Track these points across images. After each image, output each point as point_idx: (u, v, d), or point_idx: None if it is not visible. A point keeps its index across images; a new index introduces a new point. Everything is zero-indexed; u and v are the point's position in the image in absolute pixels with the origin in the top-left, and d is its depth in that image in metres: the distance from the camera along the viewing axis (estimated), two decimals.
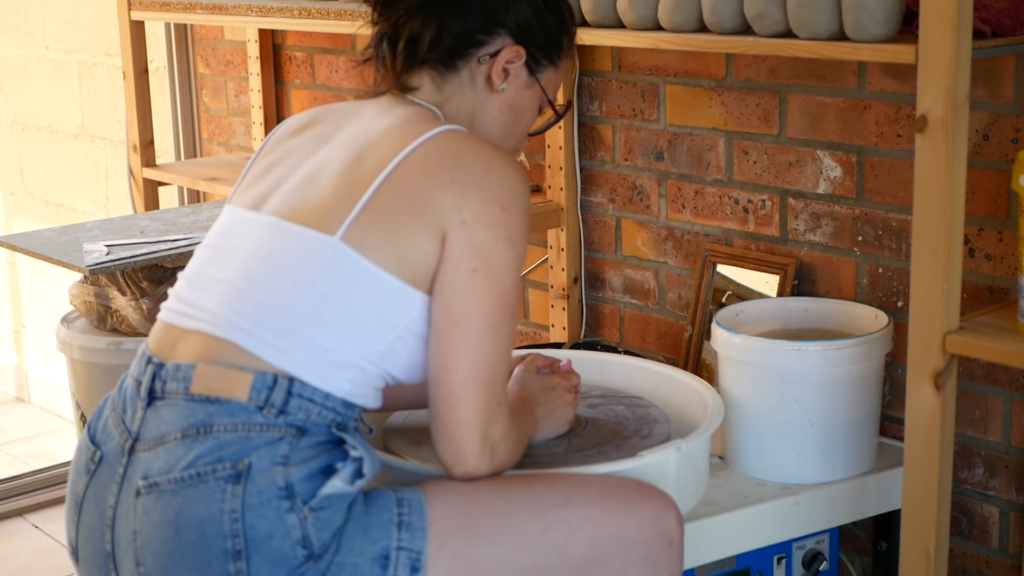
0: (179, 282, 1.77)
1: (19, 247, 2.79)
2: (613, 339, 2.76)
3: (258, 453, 1.58)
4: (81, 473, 1.71)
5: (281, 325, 1.63)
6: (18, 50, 4.43)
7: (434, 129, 1.70)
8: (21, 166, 4.52)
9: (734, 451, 2.16)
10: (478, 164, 1.68)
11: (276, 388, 1.61)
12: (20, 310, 4.70)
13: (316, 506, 1.58)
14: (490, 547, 1.64)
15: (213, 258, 1.74)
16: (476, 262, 1.64)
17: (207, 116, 3.72)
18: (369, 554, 1.59)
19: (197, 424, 1.60)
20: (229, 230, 1.75)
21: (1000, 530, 2.22)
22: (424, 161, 1.67)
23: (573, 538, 1.67)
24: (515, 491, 1.69)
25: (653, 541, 1.71)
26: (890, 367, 2.27)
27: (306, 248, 1.65)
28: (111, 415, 1.71)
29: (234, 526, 1.56)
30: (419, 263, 1.65)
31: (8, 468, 3.98)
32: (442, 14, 1.78)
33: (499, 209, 1.66)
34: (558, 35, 1.85)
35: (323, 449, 1.62)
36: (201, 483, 1.58)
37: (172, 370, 1.65)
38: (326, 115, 1.84)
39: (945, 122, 1.74)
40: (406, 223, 1.64)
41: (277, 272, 1.66)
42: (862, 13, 1.93)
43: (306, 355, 1.63)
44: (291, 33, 3.41)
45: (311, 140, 1.79)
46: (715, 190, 2.52)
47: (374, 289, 1.64)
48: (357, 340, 1.64)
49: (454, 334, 1.63)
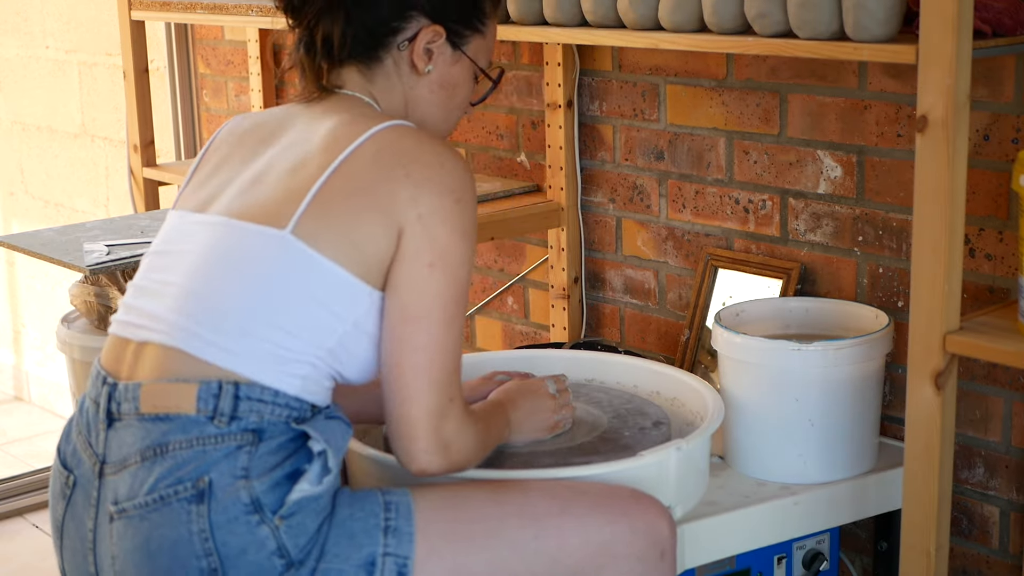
0: (128, 292, 1.74)
1: (19, 247, 2.79)
2: (613, 339, 2.76)
3: (217, 468, 1.56)
4: (58, 498, 1.70)
5: (230, 324, 1.61)
6: (18, 50, 4.43)
7: (380, 124, 1.69)
8: (21, 166, 4.52)
9: (734, 451, 2.16)
10: (430, 158, 1.66)
11: (222, 395, 1.58)
12: (19, 310, 4.70)
13: (286, 513, 1.56)
14: (481, 552, 1.63)
15: (161, 264, 1.71)
16: (433, 256, 1.62)
17: (207, 116, 3.72)
18: (355, 560, 1.58)
19: (153, 445, 1.58)
20: (176, 233, 1.73)
21: (1000, 530, 2.22)
22: (376, 154, 1.66)
23: (566, 546, 1.66)
24: (508, 496, 1.68)
25: (646, 552, 1.70)
26: (890, 367, 2.27)
27: (255, 243, 1.64)
28: (78, 438, 1.69)
29: (206, 545, 1.55)
30: (372, 257, 1.63)
31: (8, 468, 3.98)
32: (350, 8, 1.75)
33: (453, 202, 1.64)
34: (475, 1, 1.81)
35: (286, 452, 1.59)
36: (165, 506, 1.56)
37: (123, 391, 1.62)
38: (265, 120, 1.81)
39: (945, 122, 1.74)
40: (359, 216, 1.63)
41: (226, 269, 1.64)
42: (862, 13, 1.93)
43: (254, 353, 1.60)
44: (291, 33, 3.40)
45: (254, 144, 1.77)
46: (715, 190, 2.52)
47: (324, 282, 1.62)
48: (306, 335, 1.62)
49: (409, 329, 1.62)
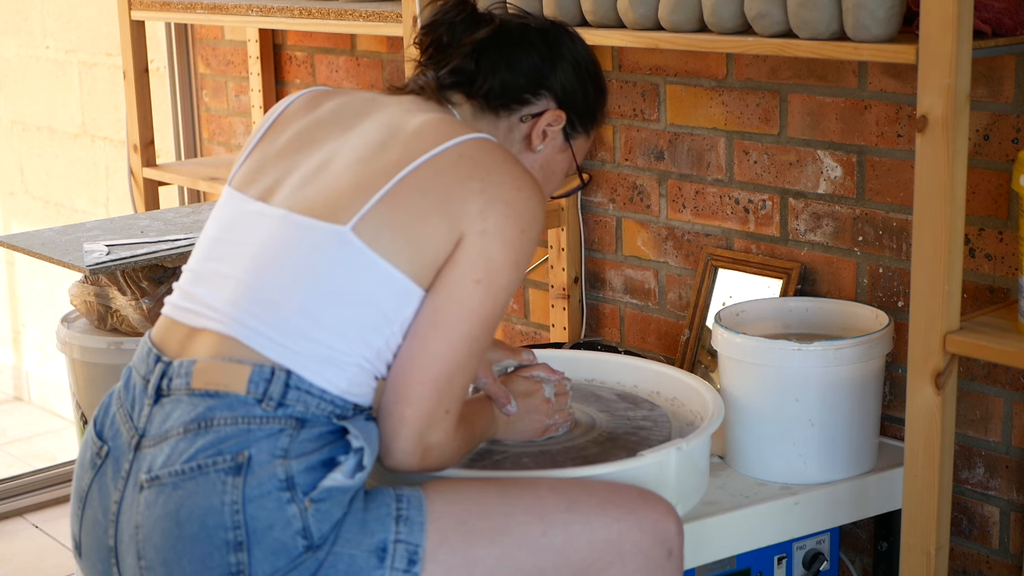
0: (184, 276, 1.76)
1: (19, 247, 2.79)
2: (613, 339, 2.76)
3: (258, 445, 1.59)
4: (86, 468, 1.71)
5: (285, 322, 1.63)
6: (18, 50, 4.43)
7: (470, 134, 1.70)
8: (21, 166, 4.52)
9: (734, 451, 2.16)
10: (510, 180, 1.68)
11: (274, 380, 1.61)
12: (19, 310, 4.70)
13: (317, 497, 1.58)
14: (490, 546, 1.64)
15: (219, 252, 1.72)
16: (482, 274, 1.64)
17: (207, 116, 3.72)
18: (366, 546, 1.60)
19: (198, 418, 1.61)
20: (236, 222, 1.73)
21: (1000, 530, 2.22)
22: (456, 162, 1.67)
23: (573, 543, 1.67)
24: (518, 493, 1.69)
25: (653, 550, 1.71)
26: (890, 367, 2.27)
27: (314, 240, 1.65)
28: (119, 411, 1.71)
29: (235, 517, 1.56)
30: (428, 258, 1.64)
31: (8, 468, 3.98)
32: (496, 64, 1.81)
33: (519, 231, 1.66)
34: (596, 104, 1.89)
35: (324, 441, 1.62)
36: (202, 475, 1.58)
37: (178, 367, 1.65)
38: (344, 101, 1.82)
39: (945, 122, 1.74)
40: (424, 216, 1.64)
41: (284, 267, 1.65)
42: (862, 13, 1.93)
43: (305, 352, 1.63)
44: (291, 33, 3.41)
45: (327, 124, 1.78)
46: (715, 190, 2.52)
47: (378, 282, 1.63)
48: (356, 336, 1.64)
49: (433, 333, 1.64)
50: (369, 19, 2.68)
